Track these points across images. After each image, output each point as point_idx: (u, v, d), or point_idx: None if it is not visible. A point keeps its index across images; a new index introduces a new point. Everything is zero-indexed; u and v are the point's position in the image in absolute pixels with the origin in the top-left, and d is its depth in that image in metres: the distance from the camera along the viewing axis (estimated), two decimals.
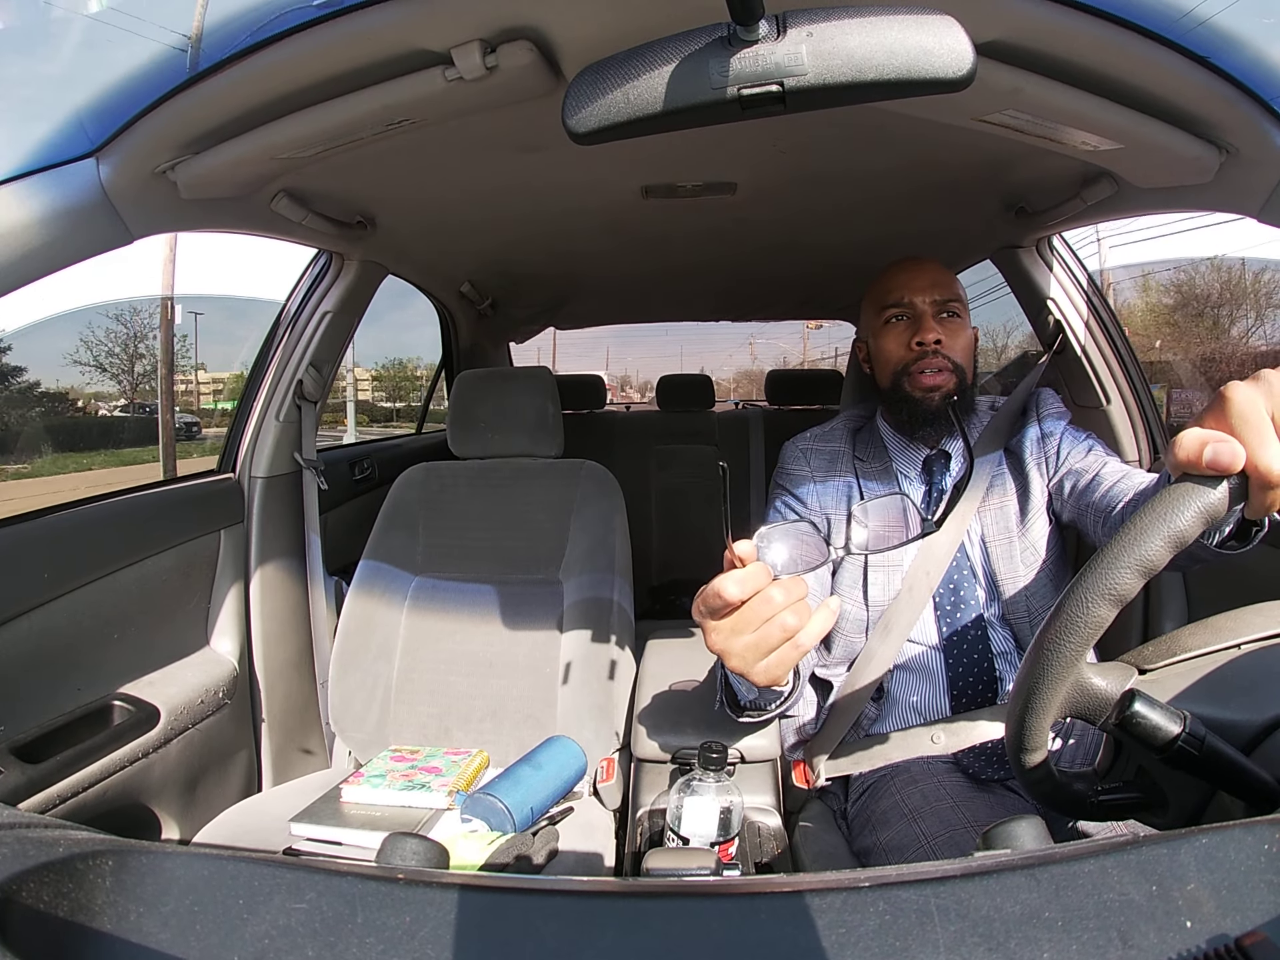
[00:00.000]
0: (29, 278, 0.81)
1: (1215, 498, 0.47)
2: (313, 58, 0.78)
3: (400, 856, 0.45)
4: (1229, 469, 0.46)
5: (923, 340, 1.11)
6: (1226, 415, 0.48)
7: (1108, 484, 1.01)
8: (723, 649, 0.63)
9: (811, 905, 0.34)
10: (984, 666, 1.09)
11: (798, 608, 0.61)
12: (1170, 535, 0.47)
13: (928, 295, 1.13)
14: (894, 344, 1.15)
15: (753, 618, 0.61)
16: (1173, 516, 0.47)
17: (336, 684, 1.42)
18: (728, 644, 0.62)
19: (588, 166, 1.24)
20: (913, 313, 1.14)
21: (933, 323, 1.12)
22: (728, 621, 0.62)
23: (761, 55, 0.51)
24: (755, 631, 0.61)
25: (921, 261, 1.19)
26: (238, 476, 1.51)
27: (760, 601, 0.60)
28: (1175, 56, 0.75)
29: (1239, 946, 0.31)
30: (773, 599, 0.60)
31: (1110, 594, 0.48)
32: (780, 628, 0.60)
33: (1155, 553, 0.47)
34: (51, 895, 0.36)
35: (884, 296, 1.17)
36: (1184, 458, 0.48)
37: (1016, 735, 0.56)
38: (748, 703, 0.89)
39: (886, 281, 1.18)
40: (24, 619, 1.02)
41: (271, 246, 1.32)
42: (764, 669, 0.62)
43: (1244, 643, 0.58)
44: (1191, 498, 0.47)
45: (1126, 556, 0.48)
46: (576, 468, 1.54)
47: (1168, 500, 0.48)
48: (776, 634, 0.60)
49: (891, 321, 1.16)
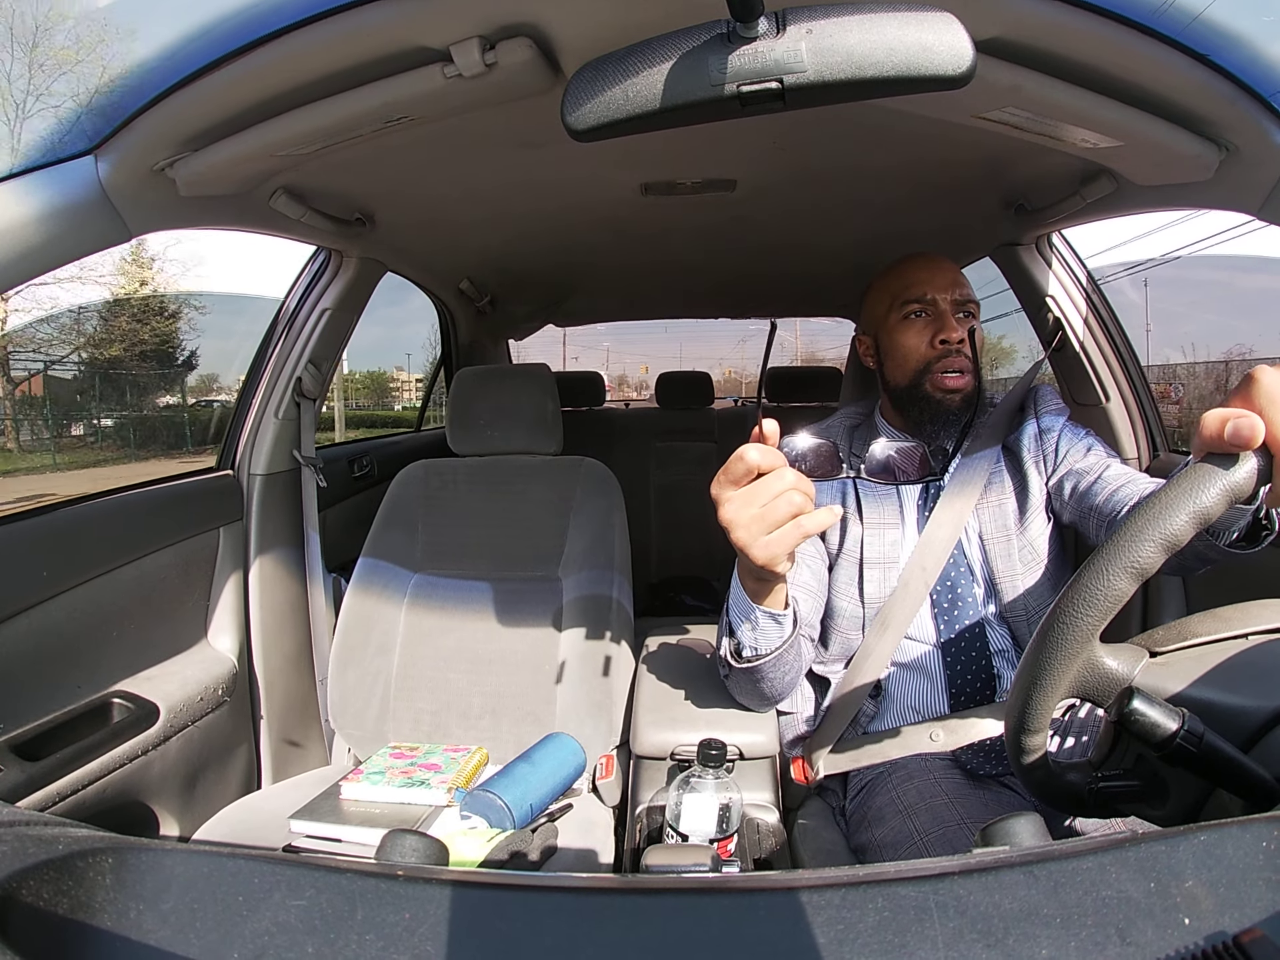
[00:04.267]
0: (28, 275, 0.80)
1: (1239, 476, 0.47)
2: (312, 55, 0.78)
3: (399, 853, 0.45)
4: (1249, 442, 0.47)
5: (948, 339, 1.10)
6: (1254, 395, 0.49)
7: (1111, 488, 1.01)
8: (732, 519, 0.69)
9: (810, 902, 0.34)
10: (982, 664, 1.09)
11: (805, 496, 0.68)
12: (1195, 511, 0.47)
13: (949, 293, 1.12)
14: (915, 340, 1.13)
15: (764, 490, 0.67)
16: (1198, 493, 0.47)
17: (336, 681, 1.42)
18: (738, 514, 0.68)
19: (587, 164, 1.24)
20: (934, 310, 1.13)
21: (954, 321, 1.11)
22: (742, 492, 0.68)
23: (761, 52, 0.51)
24: (764, 505, 0.68)
25: (940, 258, 1.17)
26: (236, 473, 1.51)
27: (774, 477, 0.68)
28: (1175, 54, 0.75)
29: (1237, 944, 0.31)
30: (784, 476, 0.67)
31: (1132, 567, 0.48)
32: (788, 503, 0.67)
33: (1179, 528, 0.47)
34: (51, 893, 0.36)
35: (903, 291, 1.15)
36: (1207, 435, 0.49)
37: (1020, 713, 0.55)
38: (749, 646, 0.92)
39: (905, 275, 1.16)
40: (23, 616, 1.02)
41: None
42: (765, 544, 0.69)
43: (1252, 633, 0.58)
44: (1216, 475, 0.47)
45: (1150, 530, 0.48)
46: (575, 465, 1.53)
47: (1193, 477, 0.48)
48: (783, 509, 0.67)
49: (911, 317, 1.14)
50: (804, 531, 0.69)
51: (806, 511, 0.69)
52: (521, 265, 2.07)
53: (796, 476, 0.68)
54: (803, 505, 0.68)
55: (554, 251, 1.92)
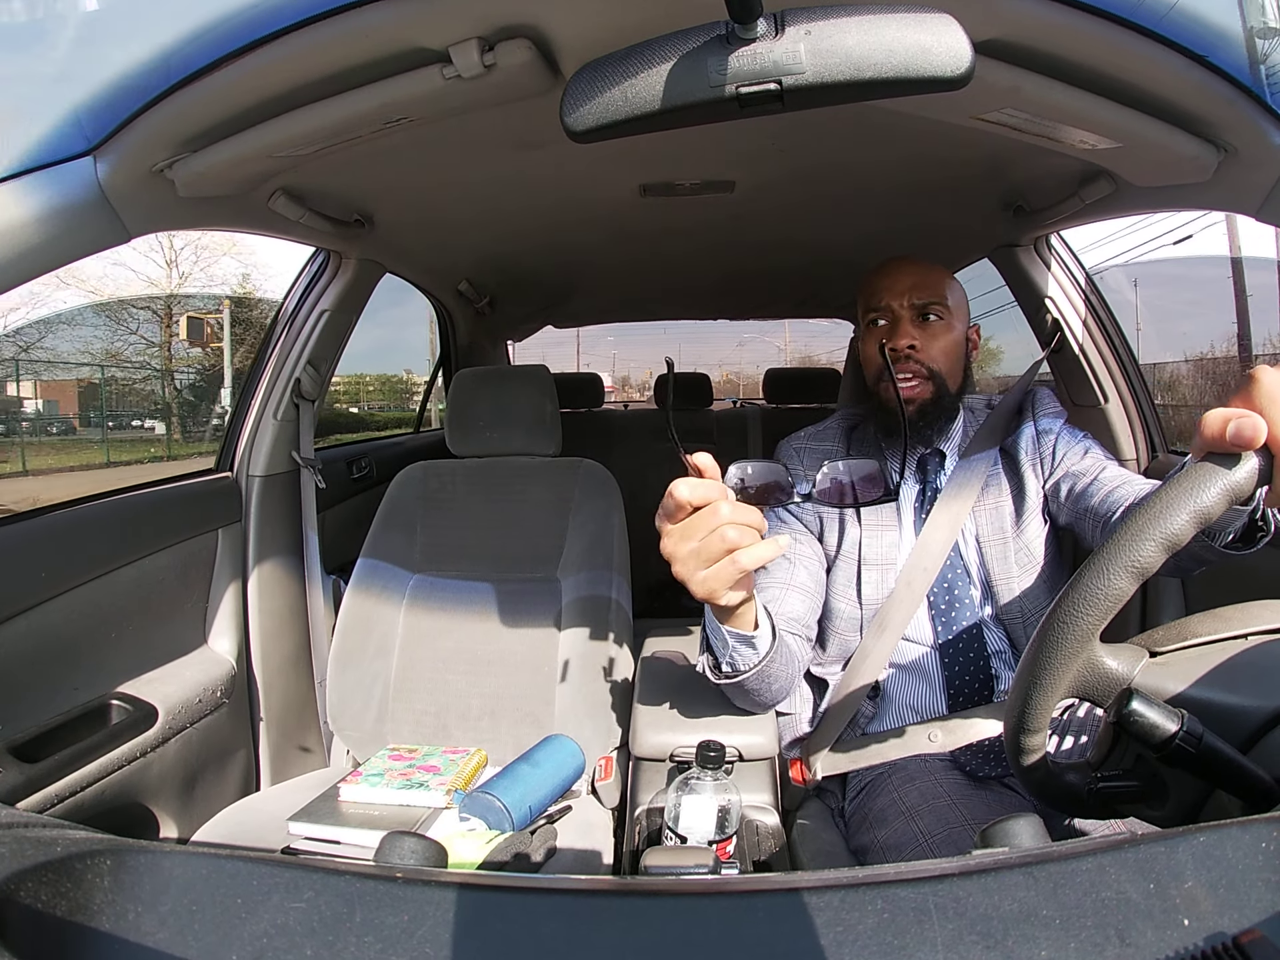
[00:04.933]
0: (26, 276, 0.80)
1: (1240, 476, 0.47)
2: (310, 55, 0.78)
3: (398, 855, 0.45)
4: (1251, 442, 0.47)
5: (894, 346, 1.10)
6: (1255, 395, 0.48)
7: (1106, 489, 1.01)
8: (670, 552, 0.68)
9: (809, 903, 0.34)
10: (979, 665, 1.09)
11: (744, 529, 0.66)
12: (1195, 511, 0.47)
13: (905, 298, 1.12)
14: (872, 349, 1.15)
15: (699, 525, 0.66)
16: (1198, 492, 0.47)
17: (334, 683, 1.42)
18: (675, 548, 0.68)
19: (586, 165, 1.24)
20: (889, 316, 1.13)
21: (909, 327, 1.11)
22: (679, 526, 0.67)
23: (760, 53, 0.51)
24: (699, 540, 0.66)
25: (903, 262, 1.17)
26: (235, 475, 1.51)
27: (708, 512, 0.65)
28: (1173, 55, 0.75)
29: (1236, 945, 0.31)
30: (719, 511, 0.65)
31: (1133, 566, 0.48)
32: (721, 539, 0.65)
33: (1180, 527, 0.47)
34: (50, 895, 0.36)
35: (867, 299, 1.17)
36: (1209, 435, 0.48)
37: (1019, 713, 0.55)
38: (726, 663, 0.90)
39: (870, 283, 1.18)
40: (21, 618, 1.02)
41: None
42: (702, 580, 0.68)
43: (1251, 634, 0.58)
44: (1217, 475, 0.47)
45: (1151, 529, 0.48)
46: (574, 466, 1.53)
47: (1194, 477, 0.48)
48: (717, 545, 0.65)
49: (871, 325, 1.16)
50: (740, 567, 0.66)
51: (744, 545, 0.66)
52: (520, 266, 2.07)
53: (735, 509, 0.66)
54: (737, 540, 0.65)
55: (553, 252, 1.92)
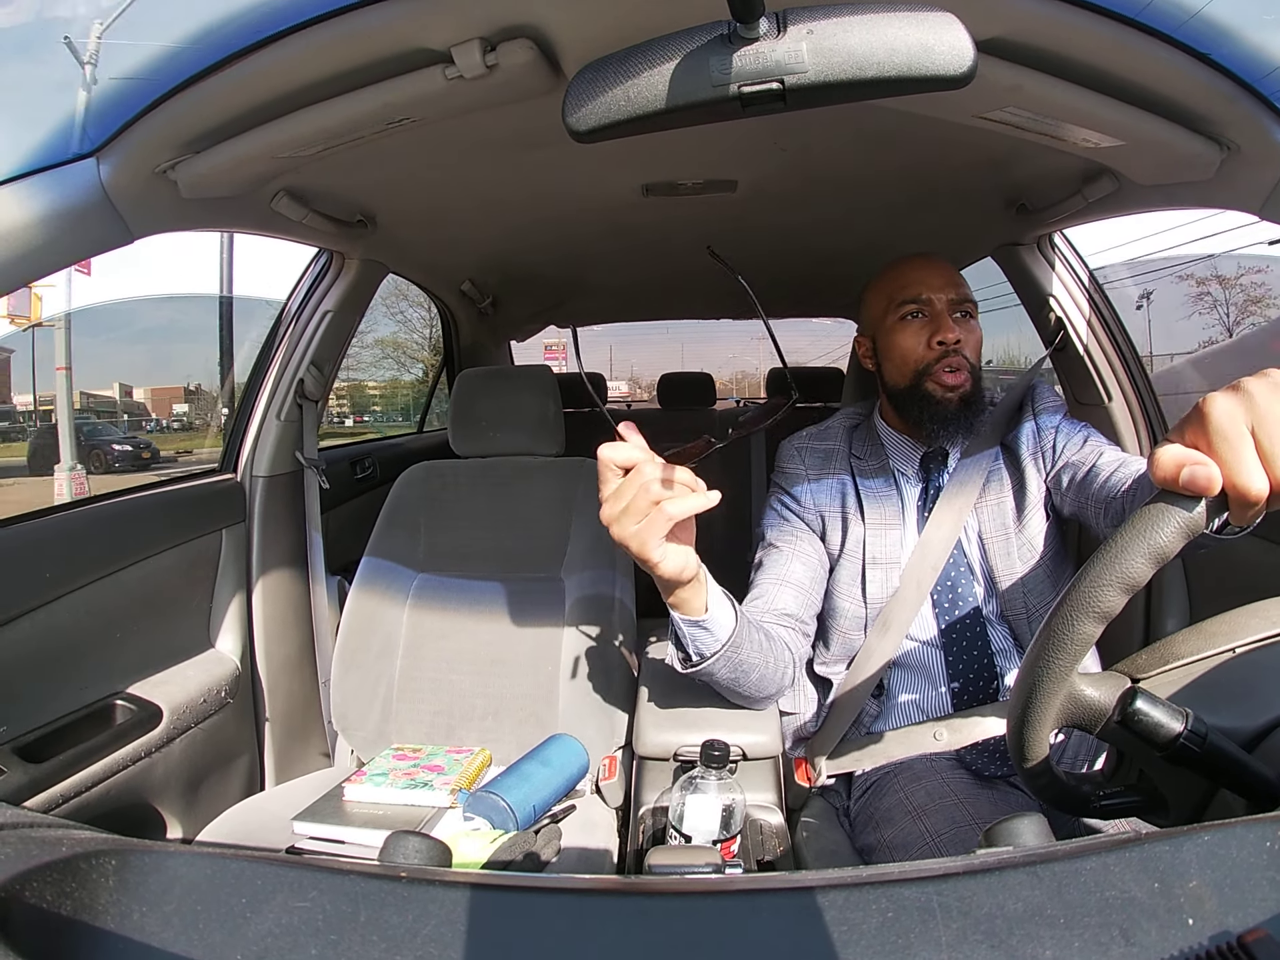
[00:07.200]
0: (29, 277, 0.81)
1: (1195, 515, 0.47)
2: (313, 56, 0.78)
3: (403, 855, 0.45)
4: (1206, 492, 0.46)
5: (944, 340, 1.09)
6: (1204, 430, 0.46)
7: (1105, 473, 1.00)
8: (606, 516, 0.74)
9: (814, 903, 0.34)
10: (984, 663, 1.09)
11: (670, 483, 0.72)
12: (1151, 552, 0.47)
13: (945, 293, 1.12)
14: (912, 341, 1.13)
15: (626, 488, 0.72)
16: (1152, 534, 0.47)
17: (339, 683, 1.42)
18: (610, 510, 0.73)
19: (588, 165, 1.24)
20: (930, 310, 1.12)
21: (950, 321, 1.11)
22: (612, 492, 0.73)
23: (762, 53, 0.51)
24: (631, 498, 0.72)
25: (935, 258, 1.17)
26: (239, 476, 1.51)
27: (634, 473, 0.73)
28: (1176, 53, 0.74)
29: (1241, 944, 0.31)
30: (643, 470, 0.72)
31: (1094, 611, 0.49)
32: (646, 492, 0.71)
33: (1137, 570, 0.48)
34: (55, 895, 0.36)
35: (899, 291, 1.14)
36: (1161, 476, 0.47)
37: (1017, 746, 0.57)
38: (693, 651, 0.93)
39: (901, 276, 1.16)
40: (26, 619, 1.02)
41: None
42: (634, 534, 0.73)
43: (1238, 646, 0.58)
44: (1171, 515, 0.47)
45: (1108, 574, 0.48)
46: (577, 465, 1.53)
47: (1147, 518, 0.48)
48: (644, 499, 0.72)
49: (908, 318, 1.13)
50: (668, 516, 0.72)
51: (670, 497, 0.72)
52: (523, 266, 2.07)
53: (661, 467, 0.72)
54: (662, 492, 0.72)
55: (555, 252, 1.91)
